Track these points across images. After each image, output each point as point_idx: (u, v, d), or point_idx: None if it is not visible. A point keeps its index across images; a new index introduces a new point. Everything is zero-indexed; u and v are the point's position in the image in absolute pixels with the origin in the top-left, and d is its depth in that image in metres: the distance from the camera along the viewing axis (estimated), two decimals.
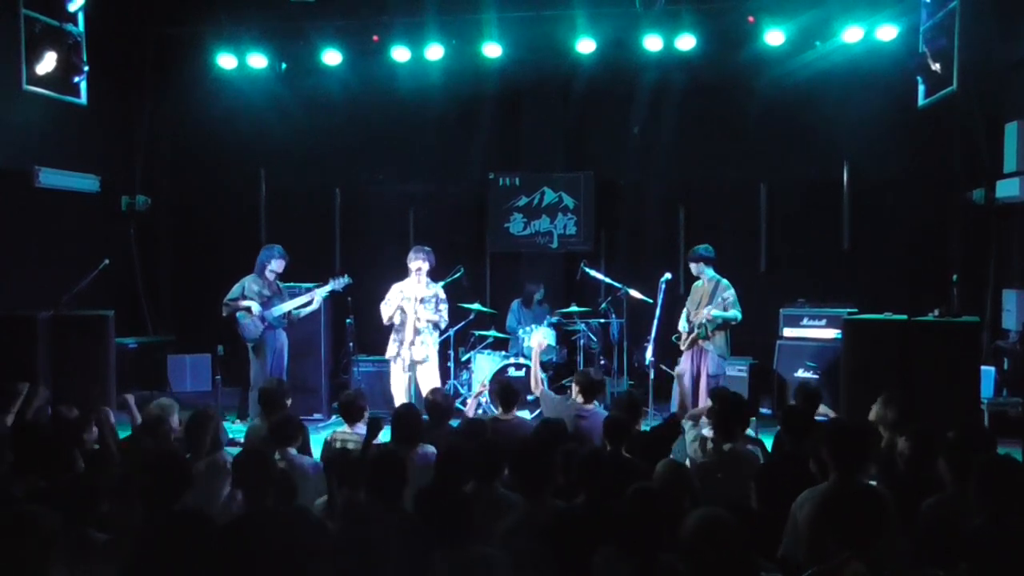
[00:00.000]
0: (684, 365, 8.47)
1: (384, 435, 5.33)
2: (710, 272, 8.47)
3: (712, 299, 8.30)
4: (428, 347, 8.59)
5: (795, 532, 4.02)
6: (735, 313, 8.18)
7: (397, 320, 8.54)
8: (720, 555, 3.14)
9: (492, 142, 11.52)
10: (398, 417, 5.46)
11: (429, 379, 8.52)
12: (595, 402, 6.40)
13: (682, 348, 8.51)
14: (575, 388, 6.54)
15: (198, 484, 4.53)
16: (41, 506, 3.40)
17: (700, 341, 8.30)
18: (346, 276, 8.91)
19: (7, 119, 9.47)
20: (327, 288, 8.84)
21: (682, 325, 8.45)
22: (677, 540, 3.29)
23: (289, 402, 6.34)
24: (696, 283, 8.66)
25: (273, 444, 5.31)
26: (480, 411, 9.23)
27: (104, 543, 3.67)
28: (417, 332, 8.48)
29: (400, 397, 8.40)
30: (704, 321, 8.15)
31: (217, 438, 5.33)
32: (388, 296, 8.60)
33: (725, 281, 8.42)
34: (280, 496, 4.12)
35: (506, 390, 6.38)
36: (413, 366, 8.49)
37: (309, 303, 8.78)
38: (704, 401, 8.15)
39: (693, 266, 8.47)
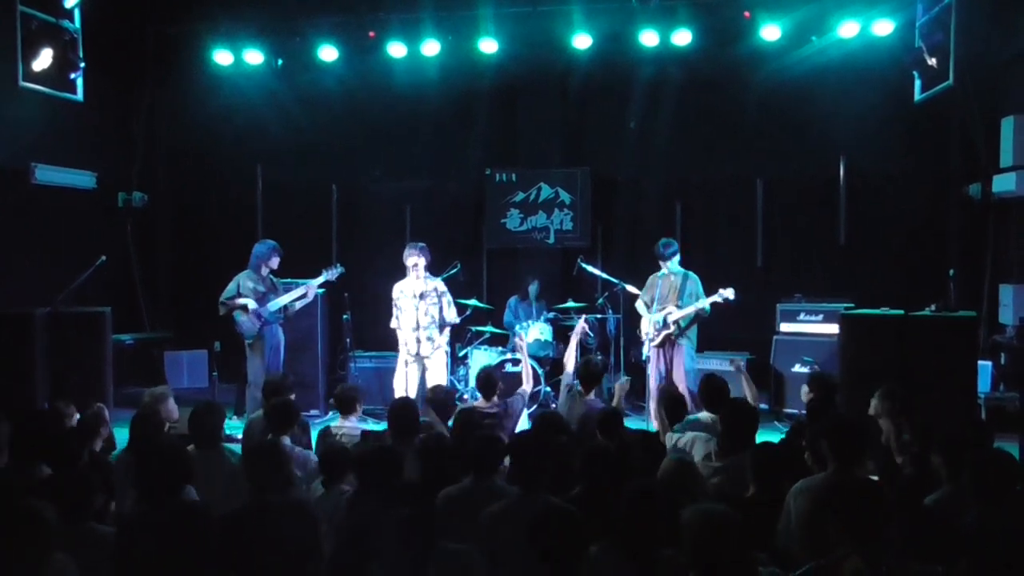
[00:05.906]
0: (654, 364, 8.38)
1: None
2: (675, 265, 8.44)
3: (683, 292, 8.26)
4: (436, 342, 8.56)
5: (789, 522, 4.02)
6: (706, 304, 8.21)
7: (401, 321, 8.53)
8: (717, 549, 3.15)
9: (489, 138, 11.50)
10: (393, 411, 5.45)
11: (436, 374, 8.51)
12: (592, 393, 6.37)
13: (653, 344, 8.41)
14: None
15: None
16: (39, 499, 3.40)
17: (674, 337, 8.26)
18: (339, 266, 8.88)
19: (3, 116, 9.45)
20: (320, 279, 8.81)
21: (655, 319, 8.36)
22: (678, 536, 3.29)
23: (293, 397, 6.35)
24: (658, 274, 8.59)
25: (268, 430, 5.40)
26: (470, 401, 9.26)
27: (109, 536, 3.68)
28: (423, 328, 8.45)
29: (401, 393, 8.35)
30: (692, 315, 8.15)
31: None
32: (394, 299, 8.58)
33: (692, 273, 8.40)
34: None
35: (486, 380, 6.38)
36: (420, 361, 8.47)
37: (304, 296, 8.75)
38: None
39: (667, 263, 8.43)
